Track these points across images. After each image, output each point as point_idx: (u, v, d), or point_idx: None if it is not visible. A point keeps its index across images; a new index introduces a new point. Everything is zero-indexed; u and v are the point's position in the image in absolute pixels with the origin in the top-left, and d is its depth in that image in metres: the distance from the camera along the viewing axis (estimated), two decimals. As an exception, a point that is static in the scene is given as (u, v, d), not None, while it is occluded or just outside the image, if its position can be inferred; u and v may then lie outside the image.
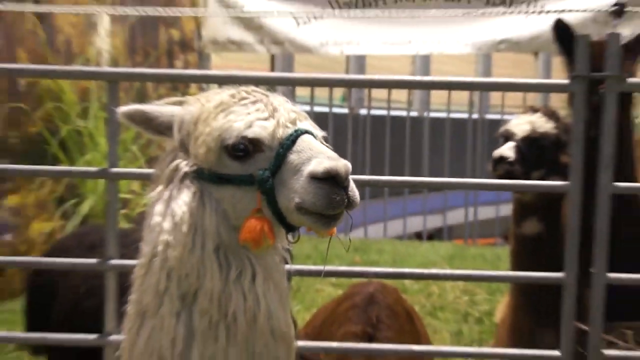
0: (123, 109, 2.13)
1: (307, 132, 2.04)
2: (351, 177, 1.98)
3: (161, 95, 7.32)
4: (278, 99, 2.11)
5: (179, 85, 8.11)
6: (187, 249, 2.01)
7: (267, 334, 2.04)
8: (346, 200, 1.93)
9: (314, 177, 1.93)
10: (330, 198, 1.92)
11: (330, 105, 9.56)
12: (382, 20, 7.53)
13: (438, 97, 11.07)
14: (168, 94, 7.62)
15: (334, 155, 1.97)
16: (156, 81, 7.06)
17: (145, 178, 3.74)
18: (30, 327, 4.74)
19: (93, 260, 3.65)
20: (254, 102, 2.07)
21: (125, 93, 7.16)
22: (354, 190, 1.95)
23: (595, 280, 3.46)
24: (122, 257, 3.61)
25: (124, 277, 2.40)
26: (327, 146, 2.05)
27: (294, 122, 2.05)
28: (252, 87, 2.15)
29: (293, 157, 1.98)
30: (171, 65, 8.66)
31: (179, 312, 2.02)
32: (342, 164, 1.92)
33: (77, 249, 4.60)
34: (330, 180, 1.92)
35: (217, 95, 2.12)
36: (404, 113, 10.11)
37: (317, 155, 1.96)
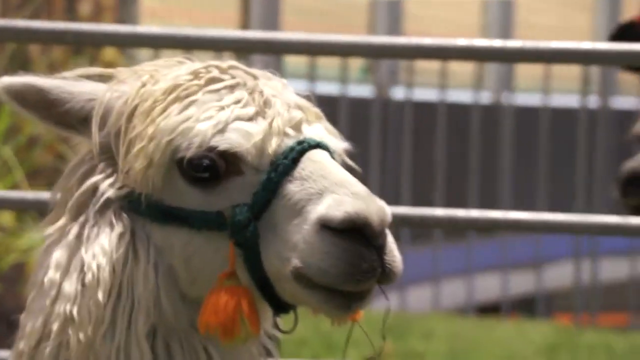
0: (5, 80, 1.50)
1: (319, 145, 1.45)
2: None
3: (54, 63, 4.77)
4: (273, 84, 1.51)
5: (85, 48, 5.54)
6: (101, 330, 1.44)
7: None
8: (380, 268, 1.35)
9: (327, 227, 1.35)
10: (353, 264, 1.35)
11: (343, 84, 7.05)
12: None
13: (527, 71, 8.16)
14: (66, 60, 5.18)
15: (363, 190, 1.38)
16: (47, 41, 4.11)
17: (25, 205, 2.77)
18: None
19: None
20: (232, 88, 1.47)
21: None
22: (392, 252, 1.37)
23: None
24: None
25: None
26: (352, 168, 1.48)
27: (297, 127, 1.46)
28: (230, 62, 1.52)
29: (293, 187, 1.41)
30: (71, 12, 6.05)
31: None
32: (376, 208, 1.36)
33: None
34: (355, 234, 1.35)
35: (169, 70, 1.51)
36: (468, 97, 7.80)
37: (333, 188, 1.38)
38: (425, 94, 7.77)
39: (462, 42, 3.11)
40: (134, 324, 1.46)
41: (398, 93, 7.91)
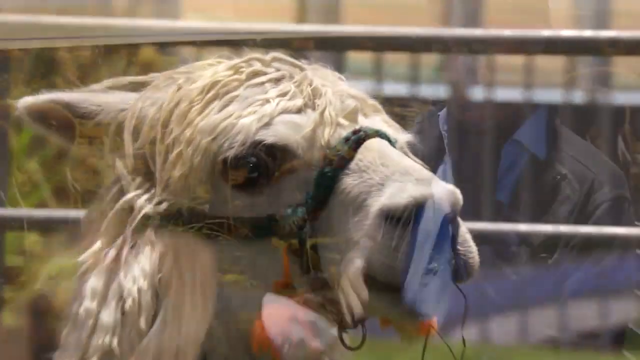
0: (28, 100, 1.44)
1: (377, 133, 1.39)
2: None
3: (82, 65, 4.71)
4: (322, 74, 1.46)
5: (117, 48, 5.61)
6: None
7: None
8: (452, 260, 1.27)
9: (392, 217, 1.28)
10: None
11: (414, 84, 7.13)
12: None
13: (627, 67, 8.00)
14: (97, 61, 5.20)
15: (428, 175, 1.32)
16: (74, 38, 3.84)
17: (52, 225, 2.56)
18: None
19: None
20: (277, 81, 1.41)
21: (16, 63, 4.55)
22: (467, 242, 1.30)
23: None
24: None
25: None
26: (416, 161, 1.37)
27: (352, 117, 1.40)
28: (273, 54, 1.47)
29: (351, 181, 1.33)
30: (104, 6, 5.68)
31: None
32: (445, 192, 1.28)
33: None
34: None
35: (206, 69, 1.45)
36: (557, 97, 7.63)
37: (396, 177, 1.30)
38: (508, 93, 7.53)
39: (548, 33, 2.90)
40: (182, 355, 1.37)
41: (477, 93, 7.68)
